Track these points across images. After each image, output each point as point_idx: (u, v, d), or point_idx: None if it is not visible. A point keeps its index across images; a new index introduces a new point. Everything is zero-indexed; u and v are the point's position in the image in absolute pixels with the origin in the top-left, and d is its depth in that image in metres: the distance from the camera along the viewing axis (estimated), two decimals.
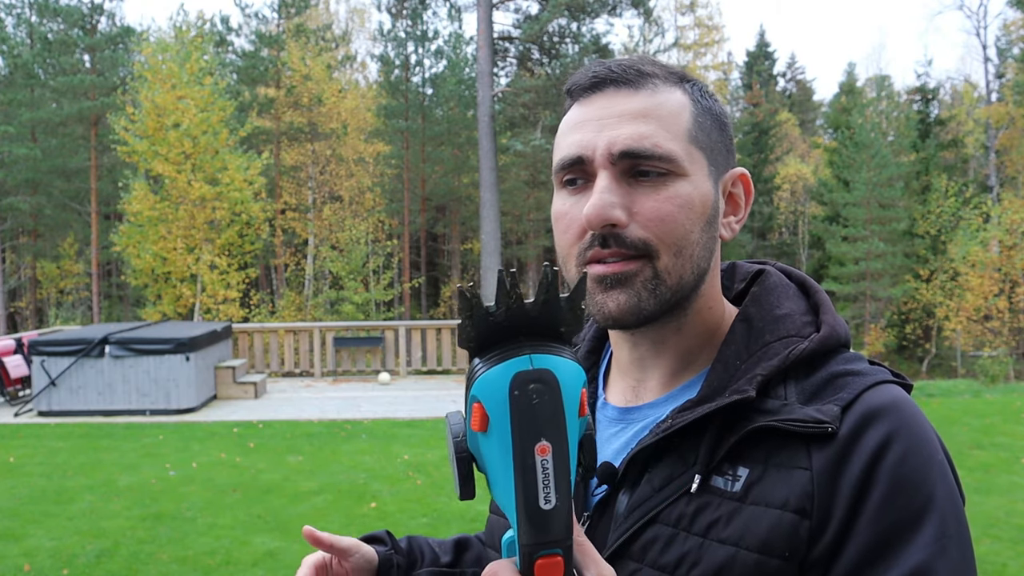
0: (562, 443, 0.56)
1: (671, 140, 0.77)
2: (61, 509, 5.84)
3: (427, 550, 1.06)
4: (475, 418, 0.58)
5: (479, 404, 0.57)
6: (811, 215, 32.44)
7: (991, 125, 27.94)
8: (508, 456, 0.56)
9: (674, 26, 34.79)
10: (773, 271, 0.89)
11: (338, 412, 9.47)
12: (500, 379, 0.56)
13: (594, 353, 0.94)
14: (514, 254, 33.14)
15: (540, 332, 0.57)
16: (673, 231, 0.76)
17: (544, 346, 0.57)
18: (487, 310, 0.56)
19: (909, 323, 27.15)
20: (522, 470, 0.56)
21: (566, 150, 0.80)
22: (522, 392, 0.55)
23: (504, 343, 0.57)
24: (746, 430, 0.73)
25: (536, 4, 20.63)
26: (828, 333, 0.79)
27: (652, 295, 0.77)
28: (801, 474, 0.70)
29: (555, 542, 0.57)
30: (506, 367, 0.56)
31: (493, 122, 18.24)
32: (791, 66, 45.67)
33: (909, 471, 0.69)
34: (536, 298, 0.57)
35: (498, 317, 0.56)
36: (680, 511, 0.74)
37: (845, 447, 0.70)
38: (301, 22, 27.07)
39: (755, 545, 0.69)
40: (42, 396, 9.43)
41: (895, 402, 0.73)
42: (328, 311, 25.08)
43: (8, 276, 28.05)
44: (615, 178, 0.77)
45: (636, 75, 0.79)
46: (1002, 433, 7.95)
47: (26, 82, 25.52)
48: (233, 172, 18.26)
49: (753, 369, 0.77)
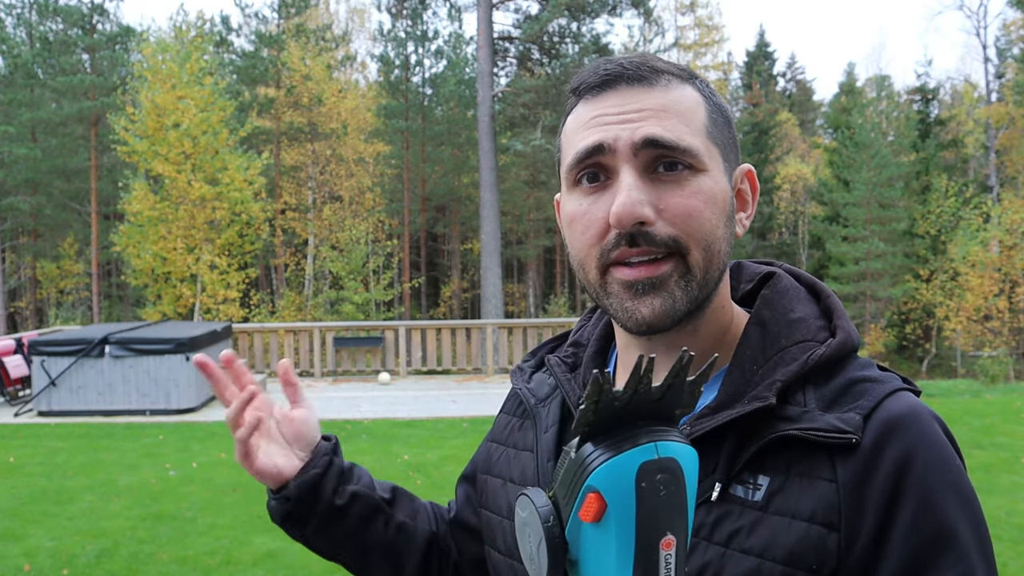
0: (684, 535, 0.54)
1: (692, 135, 0.76)
2: (61, 509, 5.84)
3: (365, 476, 1.05)
4: (589, 508, 0.53)
5: (597, 495, 0.53)
6: (811, 215, 32.46)
7: (991, 125, 27.95)
8: (627, 550, 0.53)
9: (674, 26, 34.82)
10: (783, 274, 0.88)
11: (338, 412, 9.46)
12: (625, 469, 0.52)
13: (601, 354, 0.93)
14: (514, 254, 33.14)
15: (657, 416, 0.55)
16: (701, 227, 0.75)
17: (663, 432, 0.54)
18: (615, 396, 0.53)
19: (909, 323, 27.16)
20: (644, 565, 0.53)
21: (583, 141, 0.77)
22: (649, 484, 0.52)
23: (619, 429, 0.54)
24: (768, 439, 0.71)
25: (536, 4, 20.63)
26: (844, 339, 0.78)
27: (685, 293, 0.75)
28: (826, 486, 0.69)
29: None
30: (631, 456, 0.52)
31: (493, 122, 18.25)
32: (791, 66, 45.71)
33: (936, 482, 0.69)
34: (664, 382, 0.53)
35: (623, 400, 0.53)
36: (700, 520, 0.72)
37: (869, 459, 0.69)
38: (301, 22, 27.08)
39: (781, 557, 0.69)
40: (42, 396, 9.43)
41: (914, 411, 0.72)
42: (328, 311, 25.09)
43: (8, 276, 28.05)
44: (639, 174, 0.75)
45: (650, 71, 0.78)
46: (1002, 433, 7.94)
47: (26, 82, 25.53)
48: (233, 172, 18.26)
49: (771, 375, 0.75)
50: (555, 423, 0.89)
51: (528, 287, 33.33)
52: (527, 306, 32.58)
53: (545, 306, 30.32)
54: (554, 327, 12.75)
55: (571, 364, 0.93)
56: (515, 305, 33.48)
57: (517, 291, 34.30)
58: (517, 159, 24.37)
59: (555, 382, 0.92)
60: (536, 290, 33.14)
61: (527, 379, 0.97)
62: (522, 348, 12.29)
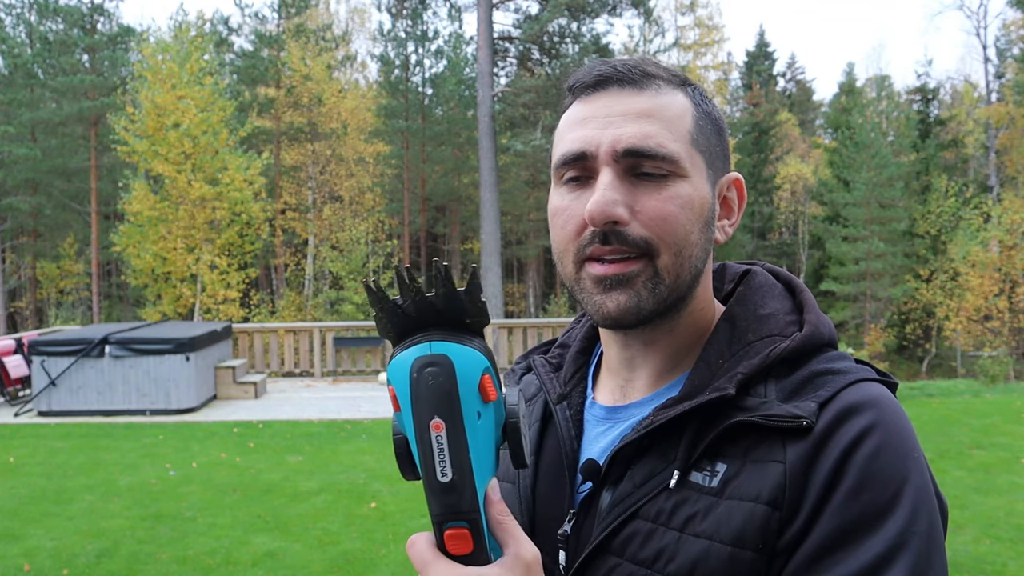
0: (456, 421, 0.61)
1: (674, 141, 0.78)
2: (61, 509, 5.84)
3: None
4: (391, 400, 0.64)
5: (391, 387, 0.63)
6: (811, 215, 32.43)
7: (991, 125, 27.95)
8: (411, 432, 0.62)
9: (674, 26, 34.79)
10: (760, 271, 0.90)
11: (338, 412, 9.46)
12: (404, 363, 0.61)
13: (584, 353, 0.95)
14: (514, 254, 33.14)
15: (448, 324, 0.62)
16: (674, 231, 0.77)
17: (446, 335, 0.62)
18: (394, 302, 0.62)
19: (909, 323, 27.14)
20: (420, 445, 0.61)
21: (568, 146, 0.80)
22: (420, 375, 0.61)
23: (412, 335, 0.63)
24: (723, 426, 0.74)
25: (536, 4, 20.63)
26: (811, 332, 0.79)
27: (652, 294, 0.77)
28: (775, 467, 0.71)
29: (460, 514, 0.62)
30: (409, 353, 0.61)
31: (493, 122, 18.24)
32: (791, 66, 45.68)
33: (881, 465, 0.69)
34: (436, 291, 0.62)
35: (407, 309, 0.62)
36: (659, 506, 0.75)
37: (820, 441, 0.71)
38: (301, 22, 27.07)
39: (729, 538, 0.70)
40: (42, 396, 9.43)
41: (873, 398, 0.73)
42: (328, 311, 25.09)
43: (8, 276, 28.04)
44: (618, 176, 0.77)
45: (641, 75, 0.80)
46: (1002, 433, 7.94)
47: (26, 82, 25.52)
48: (233, 172, 18.26)
49: (735, 368, 0.77)
50: (537, 420, 0.92)
51: (528, 287, 33.34)
52: (527, 306, 32.58)
53: (545, 306, 30.33)
54: (554, 327, 12.74)
55: (555, 364, 0.96)
56: (515, 305, 33.48)
57: (517, 291, 34.30)
58: (517, 159, 24.37)
59: (539, 383, 0.95)
60: (536, 290, 33.14)
61: (517, 380, 1.01)
62: (522, 348, 12.29)
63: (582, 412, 0.89)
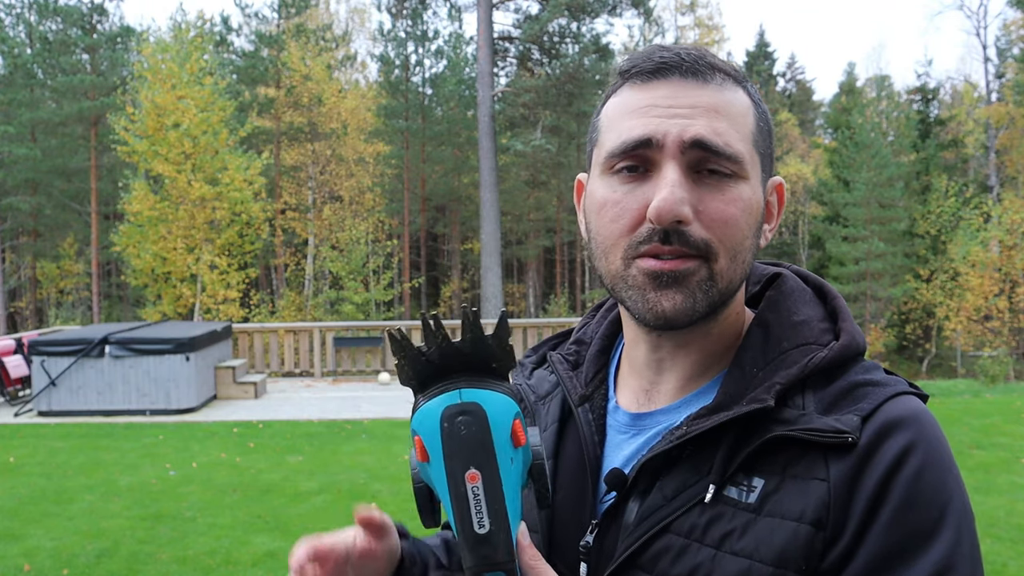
0: (492, 471, 0.60)
1: (740, 141, 0.74)
2: (61, 509, 5.83)
3: (426, 551, 0.93)
4: (417, 450, 0.62)
5: (418, 437, 0.61)
6: (811, 215, 32.45)
7: (991, 125, 27.95)
8: (443, 484, 0.61)
9: (674, 26, 34.82)
10: (789, 275, 0.86)
11: (338, 412, 9.46)
12: (432, 413, 0.60)
13: (604, 353, 0.91)
14: (514, 254, 33.14)
15: (474, 369, 0.62)
16: (733, 235, 0.74)
17: (475, 381, 0.61)
18: (419, 350, 0.61)
19: (909, 323, 27.15)
20: (455, 497, 0.60)
21: (628, 133, 0.74)
22: (452, 424, 0.59)
23: (441, 380, 0.61)
24: (763, 440, 0.71)
25: (536, 4, 20.64)
26: (847, 342, 0.77)
27: (705, 296, 0.74)
28: (818, 485, 0.68)
29: (496, 565, 0.60)
30: (438, 401, 0.60)
31: (493, 122, 18.25)
32: (791, 66, 45.71)
33: (926, 484, 0.68)
34: (463, 337, 0.61)
35: (432, 356, 0.61)
36: (693, 521, 0.72)
37: (864, 458, 0.68)
38: (301, 22, 27.07)
39: (770, 558, 0.68)
40: (42, 396, 9.43)
41: (915, 414, 0.71)
42: (328, 311, 25.08)
43: (8, 276, 28.05)
44: (683, 172, 0.73)
45: (707, 67, 0.75)
46: (1002, 433, 7.94)
47: (26, 82, 25.53)
48: (233, 172, 18.26)
49: (771, 377, 0.74)
50: (555, 421, 0.87)
51: (528, 287, 33.34)
52: (527, 306, 32.58)
53: (545, 306, 30.34)
54: (554, 327, 12.74)
55: (573, 362, 0.92)
56: (515, 305, 33.48)
57: (517, 291, 34.30)
58: (517, 159, 24.38)
59: (556, 379, 0.91)
60: (536, 290, 33.14)
61: (528, 375, 0.96)
62: (522, 348, 12.29)
63: (604, 416, 0.85)
